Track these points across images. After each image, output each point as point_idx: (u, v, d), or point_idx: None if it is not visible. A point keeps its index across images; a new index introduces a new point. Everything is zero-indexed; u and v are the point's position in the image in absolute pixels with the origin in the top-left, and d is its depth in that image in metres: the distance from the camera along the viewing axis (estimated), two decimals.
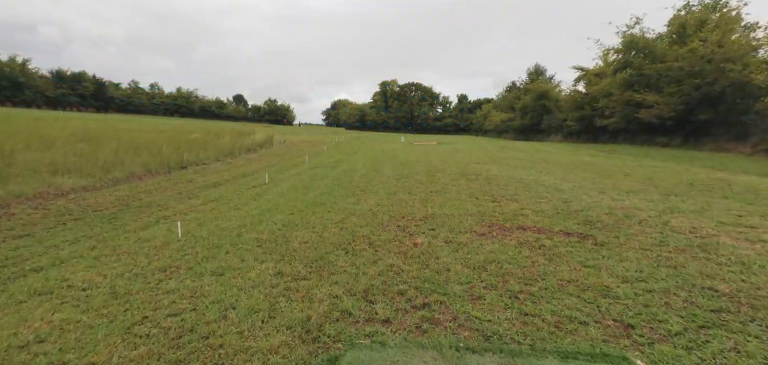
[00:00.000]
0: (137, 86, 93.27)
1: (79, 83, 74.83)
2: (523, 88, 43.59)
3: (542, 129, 34.02)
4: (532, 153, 15.00)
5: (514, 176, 8.16)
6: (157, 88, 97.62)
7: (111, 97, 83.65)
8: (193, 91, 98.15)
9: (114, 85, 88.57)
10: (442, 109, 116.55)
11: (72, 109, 72.95)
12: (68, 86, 73.03)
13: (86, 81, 76.85)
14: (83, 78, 76.23)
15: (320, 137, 30.05)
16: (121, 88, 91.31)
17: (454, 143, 24.33)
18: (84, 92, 76.02)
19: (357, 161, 11.95)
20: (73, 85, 73.81)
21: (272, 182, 7.75)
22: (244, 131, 18.44)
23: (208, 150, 11.62)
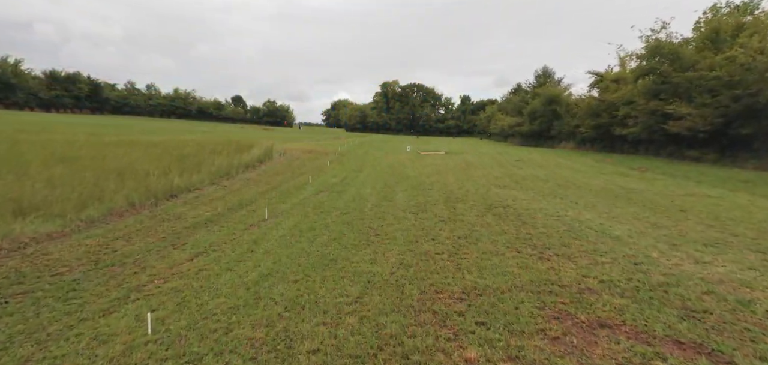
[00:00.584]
0: (133, 87, 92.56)
1: (73, 85, 74.07)
2: (530, 91, 42.68)
3: (552, 135, 33.12)
4: (554, 169, 14.07)
5: (548, 211, 7.24)
6: (154, 89, 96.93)
7: (106, 98, 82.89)
8: (191, 92, 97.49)
9: (110, 87, 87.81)
10: (445, 110, 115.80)
11: (66, 111, 72.19)
12: (62, 88, 72.27)
13: (81, 82, 76.08)
14: (78, 79, 75.44)
15: (321, 143, 29.18)
16: (117, 90, 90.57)
17: (462, 152, 23.42)
18: (79, 94, 75.26)
19: (365, 182, 11.05)
20: (68, 87, 73.06)
21: (272, 217, 6.85)
22: (241, 144, 17.54)
23: (201, 171, 10.73)
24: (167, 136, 26.08)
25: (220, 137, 26.32)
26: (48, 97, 69.18)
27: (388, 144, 34.87)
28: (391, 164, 15.84)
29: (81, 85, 75.12)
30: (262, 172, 12.48)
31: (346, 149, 24.96)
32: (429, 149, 24.91)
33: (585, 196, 8.93)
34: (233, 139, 23.85)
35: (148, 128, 35.46)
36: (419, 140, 51.92)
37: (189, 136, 27.46)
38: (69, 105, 73.11)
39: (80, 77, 76.16)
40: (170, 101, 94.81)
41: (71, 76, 74.15)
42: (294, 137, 41.51)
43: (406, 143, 41.95)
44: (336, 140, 39.11)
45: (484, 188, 10.02)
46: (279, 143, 27.17)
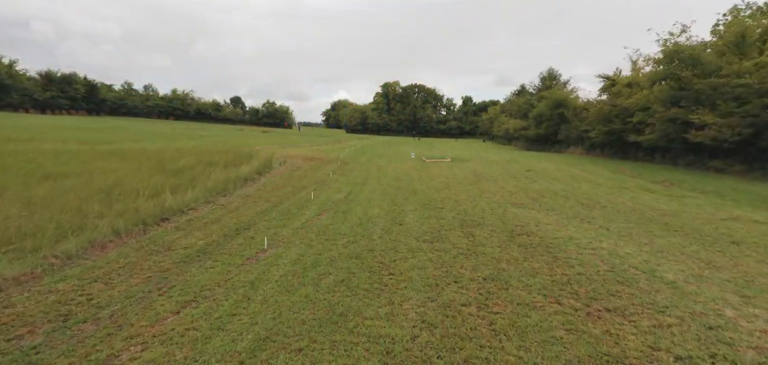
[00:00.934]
0: (130, 88, 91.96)
1: (69, 85, 73.44)
2: (536, 94, 42.03)
3: (559, 140, 32.47)
4: (570, 182, 13.39)
5: (579, 241, 6.58)
6: (152, 90, 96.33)
7: (103, 99, 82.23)
8: (189, 92, 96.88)
9: (106, 87, 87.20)
10: (446, 111, 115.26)
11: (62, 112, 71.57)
12: (58, 88, 71.63)
13: (77, 83, 75.45)
14: (74, 80, 74.82)
15: (323, 148, 28.53)
16: (113, 90, 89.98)
17: (469, 159, 22.77)
18: (75, 95, 74.61)
19: (371, 198, 10.41)
20: (63, 88, 72.42)
21: (273, 245, 6.21)
22: (240, 154, 16.89)
23: (196, 187, 10.08)
24: (163, 143, 25.46)
25: (217, 144, 25.75)
26: (43, 98, 68.57)
27: (391, 149, 34.22)
28: (396, 174, 15.19)
29: (77, 86, 74.51)
30: (261, 186, 11.83)
31: (348, 155, 24.31)
32: (433, 155, 24.25)
33: (615, 219, 8.24)
34: (231, 146, 23.26)
35: (143, 132, 34.83)
36: (421, 143, 51.32)
37: (186, 142, 26.83)
38: (65, 106, 72.52)
39: (76, 78, 75.54)
40: (168, 101, 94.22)
41: (67, 77, 73.53)
42: (294, 141, 40.90)
43: (409, 146, 41.32)
44: (337, 144, 38.47)
45: (501, 207, 9.37)
46: (279, 149, 26.55)
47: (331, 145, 36.34)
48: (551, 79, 41.89)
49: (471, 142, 69.29)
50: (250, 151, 18.91)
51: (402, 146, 40.67)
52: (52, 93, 70.59)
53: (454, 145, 50.66)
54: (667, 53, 16.76)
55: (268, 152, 19.45)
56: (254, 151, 20.65)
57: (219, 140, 30.82)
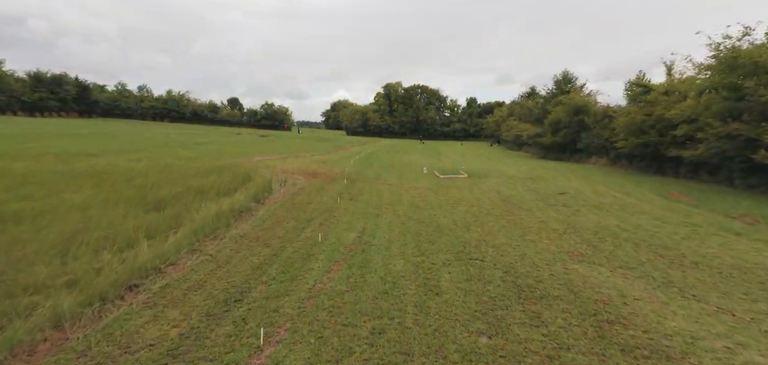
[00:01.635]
0: (124, 88, 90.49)
1: (59, 86, 71.91)
2: (551, 98, 40.33)
3: (579, 149, 30.82)
4: (622, 213, 11.61)
5: (708, 345, 4.93)
6: (146, 91, 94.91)
7: (95, 100, 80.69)
8: (185, 93, 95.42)
9: (99, 88, 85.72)
10: (450, 113, 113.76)
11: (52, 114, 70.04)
12: (48, 89, 70.07)
13: (68, 84, 73.94)
14: (64, 80, 73.31)
15: (325, 159, 26.91)
16: (106, 91, 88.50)
17: (487, 174, 21.16)
18: (65, 96, 73.04)
19: (391, 240, 8.79)
20: (53, 89, 70.90)
21: (270, 342, 4.57)
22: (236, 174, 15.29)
23: (181, 228, 8.48)
24: (153, 153, 23.86)
25: (213, 154, 24.07)
26: (32, 100, 67.00)
27: (398, 157, 32.59)
28: (412, 199, 13.57)
29: (68, 87, 72.94)
30: (259, 221, 10.21)
31: (354, 169, 22.69)
32: (447, 169, 22.60)
33: (729, 291, 6.30)
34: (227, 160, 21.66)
35: (134, 140, 33.20)
36: (427, 148, 49.67)
37: (179, 153, 25.22)
38: (55, 108, 70.96)
39: (67, 78, 73.98)
40: (163, 103, 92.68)
41: (57, 78, 71.96)
42: (294, 146, 39.31)
43: (415, 153, 39.69)
44: (340, 151, 36.84)
45: (556, 260, 7.72)
46: (279, 161, 24.98)
47: (333, 153, 34.73)
48: (566, 82, 40.23)
49: (478, 146, 67.71)
50: (248, 169, 17.29)
51: (409, 153, 39.05)
52: (42, 94, 69.04)
53: (461, 150, 49.03)
54: (724, 60, 15.08)
55: (266, 171, 17.82)
56: (252, 166, 19.10)
57: (215, 150, 29.23)
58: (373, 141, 68.87)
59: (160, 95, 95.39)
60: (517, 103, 61.51)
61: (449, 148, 58.88)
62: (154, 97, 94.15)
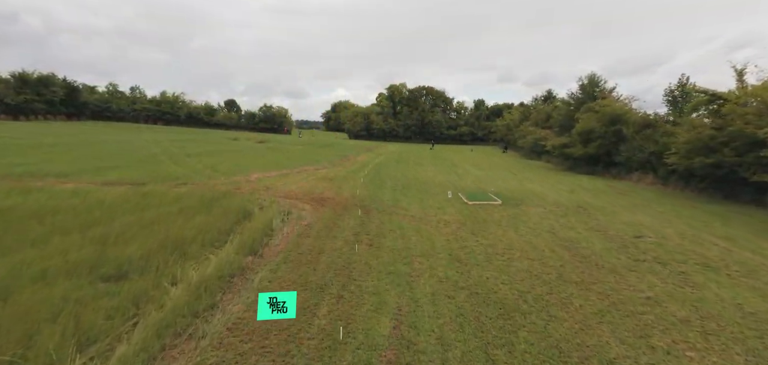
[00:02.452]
0: (116, 90, 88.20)
1: (46, 87, 69.52)
2: (577, 104, 37.59)
3: (616, 162, 28.14)
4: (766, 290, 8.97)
5: None
6: (139, 92, 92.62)
7: (85, 102, 78.32)
8: (180, 94, 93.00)
9: (89, 89, 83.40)
10: (456, 115, 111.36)
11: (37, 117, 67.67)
12: (33, 91, 67.66)
13: (55, 85, 71.59)
14: (51, 81, 70.95)
15: (331, 175, 24.37)
16: (97, 92, 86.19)
17: (519, 199, 18.61)
18: (52, 98, 70.63)
19: (444, 338, 6.23)
20: (39, 90, 68.49)
21: None
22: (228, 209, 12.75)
23: (139, 325, 5.94)
24: (133, 171, 21.36)
25: (204, 175, 21.42)
26: (16, 102, 64.58)
27: (412, 171, 30.03)
28: (450, 248, 10.98)
29: (55, 88, 70.50)
30: (253, 296, 7.66)
31: (366, 190, 20.17)
32: (472, 191, 20.03)
33: None
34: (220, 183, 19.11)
35: (117, 150, 30.68)
36: (437, 156, 47.15)
37: (165, 169, 22.73)
38: (41, 111, 68.52)
39: (54, 79, 71.57)
40: (156, 105, 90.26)
41: (43, 78, 69.51)
42: (296, 156, 36.81)
43: (427, 163, 37.15)
44: (346, 163, 34.30)
45: None
46: (280, 177, 22.53)
47: (338, 165, 32.17)
48: (593, 85, 37.54)
49: (490, 153, 65.13)
50: (244, 199, 14.73)
51: (421, 164, 36.50)
52: (27, 96, 66.60)
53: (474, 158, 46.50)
54: None
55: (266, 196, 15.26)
56: (250, 191, 16.55)
57: (209, 165, 26.69)
58: (379, 147, 66.33)
59: (153, 97, 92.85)
60: (533, 107, 59.00)
61: (460, 155, 56.33)
62: (147, 98, 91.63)
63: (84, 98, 78.32)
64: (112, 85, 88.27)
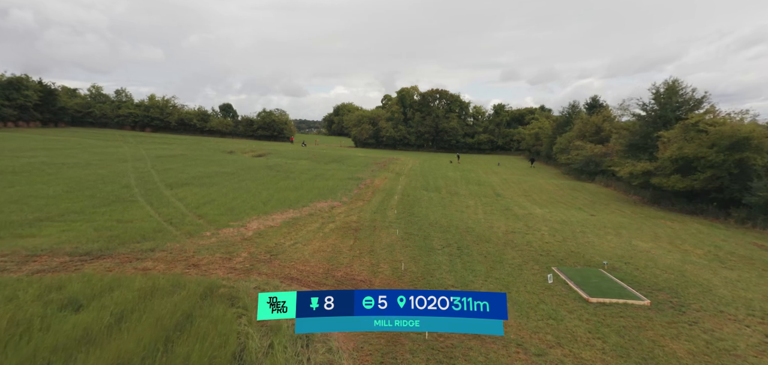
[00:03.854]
0: (99, 93, 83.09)
1: (17, 91, 64.37)
2: (651, 117, 31.46)
3: (739, 201, 21.52)
4: None
5: None
6: (125, 95, 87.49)
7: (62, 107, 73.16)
8: (170, 99, 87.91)
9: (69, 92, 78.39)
10: (473, 120, 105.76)
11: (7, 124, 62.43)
12: (2, 95, 62.50)
13: (28, 88, 66.40)
14: (23, 84, 65.84)
15: (357, 228, 18.77)
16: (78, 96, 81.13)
17: (675, 293, 12.97)
18: (25, 103, 65.48)
19: None
20: (9, 94, 63.30)
21: None
22: (203, 353, 6.94)
23: None
24: (82, 225, 15.80)
25: (184, 227, 15.57)
26: None
27: (456, 211, 24.37)
28: None
29: (28, 92, 65.39)
30: None
31: (409, 252, 14.57)
32: (593, 279, 14.20)
33: None
34: (204, 248, 13.44)
35: (77, 179, 25.14)
36: (469, 178, 41.40)
37: (130, 215, 17.19)
38: (12, 117, 63.39)
39: (27, 82, 66.40)
40: (144, 110, 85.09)
41: (15, 81, 64.31)
42: (303, 180, 31.29)
43: (467, 192, 31.58)
44: (363, 189, 28.68)
45: None
46: (285, 225, 17.01)
47: (358, 199, 26.56)
48: (671, 94, 31.36)
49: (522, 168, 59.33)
50: (234, 326, 9.00)
51: (459, 195, 30.83)
52: None
53: (520, 182, 40.79)
54: None
55: (269, 285, 9.59)
56: (245, 292, 10.85)
57: (193, 205, 21.19)
58: (392, 160, 60.74)
59: (141, 101, 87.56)
60: (579, 118, 53.31)
61: (491, 171, 50.58)
62: (134, 103, 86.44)
63: (62, 103, 73.19)
64: (95, 88, 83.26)
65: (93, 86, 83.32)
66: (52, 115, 71.31)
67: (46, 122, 70.21)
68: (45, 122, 69.77)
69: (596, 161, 38.87)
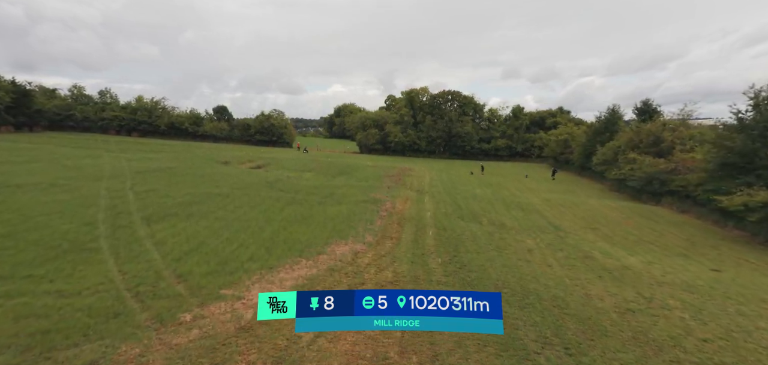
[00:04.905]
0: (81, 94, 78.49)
1: None
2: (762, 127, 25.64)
3: None
4: None
5: None
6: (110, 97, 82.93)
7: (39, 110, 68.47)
8: (160, 101, 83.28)
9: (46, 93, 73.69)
10: (488, 124, 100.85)
11: None
12: None
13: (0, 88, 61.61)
14: None
15: None
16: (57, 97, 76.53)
17: None
18: None
19: None
20: None
21: None
22: None
23: None
24: None
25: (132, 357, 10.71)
26: None
27: (522, 262, 19.56)
28: None
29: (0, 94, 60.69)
30: None
31: None
32: None
33: None
34: None
35: (20, 216, 20.23)
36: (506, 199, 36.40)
37: (71, 290, 12.28)
38: None
39: None
40: (131, 112, 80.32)
41: None
42: (312, 205, 26.49)
43: (509, 218, 26.87)
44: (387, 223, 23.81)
45: None
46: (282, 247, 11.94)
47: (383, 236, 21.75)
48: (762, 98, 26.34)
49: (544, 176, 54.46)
50: None
51: (507, 228, 25.96)
52: None
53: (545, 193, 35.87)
54: None
55: None
56: None
57: (174, 252, 16.43)
58: (406, 172, 55.89)
59: (127, 103, 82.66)
60: (630, 127, 48.39)
61: (519, 184, 45.72)
62: (120, 105, 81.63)
63: (39, 104, 68.52)
64: (77, 88, 78.52)
65: (74, 86, 78.66)
66: (27, 118, 66.55)
67: (21, 126, 65.48)
68: (18, 126, 65.04)
69: (662, 179, 33.86)
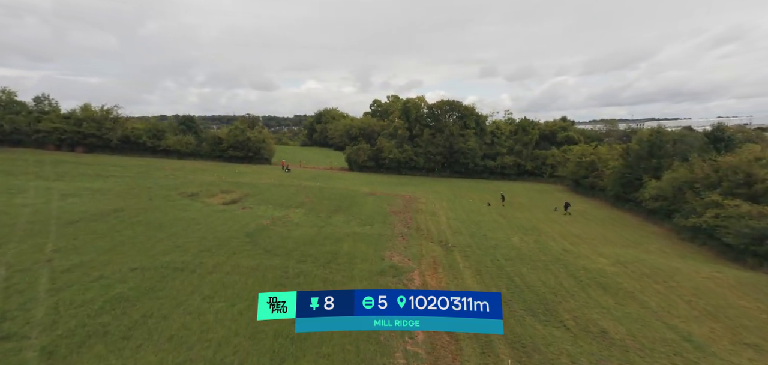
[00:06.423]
0: (11, 100, 67.97)
1: None
2: None
3: None
4: None
5: None
6: (49, 104, 72.72)
7: None
8: (112, 109, 73.67)
9: None
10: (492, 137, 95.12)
11: None
12: None
13: None
14: None
15: None
16: None
17: None
18: None
19: None
20: None
21: None
22: None
23: None
24: None
25: None
26: None
27: None
28: None
29: None
30: None
31: None
32: None
33: None
34: None
35: None
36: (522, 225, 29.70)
37: None
38: None
39: None
40: (75, 123, 70.37)
41: None
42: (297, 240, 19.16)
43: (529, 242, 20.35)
44: None
45: None
46: None
47: None
48: None
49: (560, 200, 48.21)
50: None
51: (614, 336, 19.13)
52: None
53: (603, 247, 29.45)
54: None
55: None
56: None
57: None
58: (412, 200, 48.94)
59: (71, 111, 72.64)
60: (686, 143, 42.80)
61: (552, 221, 38.79)
62: (61, 114, 71.54)
63: None
64: (6, 93, 67.87)
65: (3, 91, 67.93)
66: None
67: None
68: None
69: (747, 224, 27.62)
